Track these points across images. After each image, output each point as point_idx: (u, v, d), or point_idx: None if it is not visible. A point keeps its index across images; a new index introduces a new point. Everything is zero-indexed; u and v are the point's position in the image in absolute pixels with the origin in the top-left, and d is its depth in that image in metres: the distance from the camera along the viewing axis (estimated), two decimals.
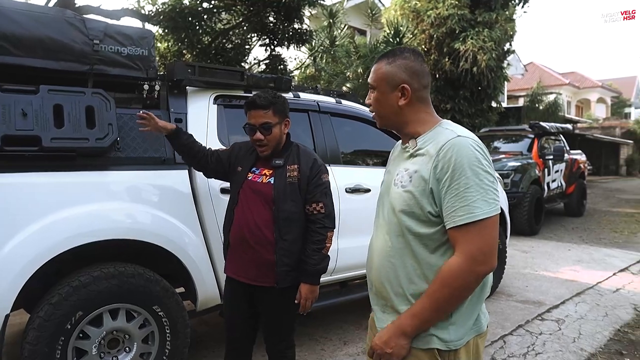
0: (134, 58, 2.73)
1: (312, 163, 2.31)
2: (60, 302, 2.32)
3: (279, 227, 2.23)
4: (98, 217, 2.45)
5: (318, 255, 2.24)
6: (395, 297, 1.45)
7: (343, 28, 11.39)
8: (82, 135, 2.43)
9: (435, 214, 1.35)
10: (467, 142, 1.34)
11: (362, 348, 3.41)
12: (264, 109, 2.25)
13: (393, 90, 1.46)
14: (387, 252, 1.46)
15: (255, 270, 2.27)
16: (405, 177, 1.41)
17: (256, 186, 2.29)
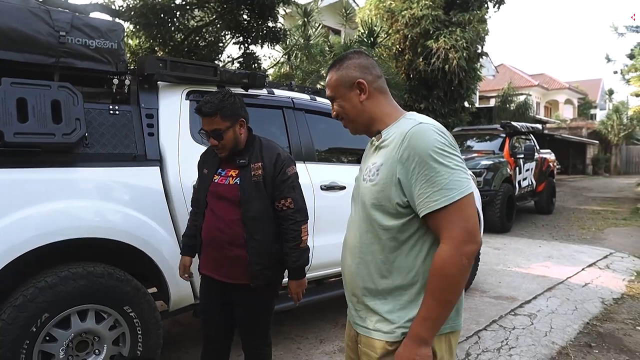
0: (103, 51, 2.64)
1: (276, 158, 2.26)
2: (25, 304, 2.22)
3: (248, 228, 2.21)
4: (64, 215, 2.36)
5: (297, 252, 2.24)
6: (368, 293, 1.45)
7: (317, 27, 11.39)
8: (48, 130, 2.34)
9: (403, 205, 1.34)
10: (429, 127, 1.34)
11: (339, 346, 3.40)
12: (211, 116, 2.19)
13: (351, 90, 1.49)
14: (358, 248, 1.47)
15: (229, 268, 2.25)
16: (373, 170, 1.42)
17: (222, 188, 2.26)
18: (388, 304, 1.41)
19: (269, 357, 2.46)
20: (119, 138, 2.64)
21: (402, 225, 1.36)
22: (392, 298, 1.40)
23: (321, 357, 3.24)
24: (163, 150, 2.75)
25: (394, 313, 1.39)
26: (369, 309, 1.46)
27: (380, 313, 1.42)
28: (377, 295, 1.43)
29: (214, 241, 2.26)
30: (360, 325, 1.49)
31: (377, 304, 1.43)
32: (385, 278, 1.41)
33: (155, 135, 2.76)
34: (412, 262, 1.38)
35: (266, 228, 2.24)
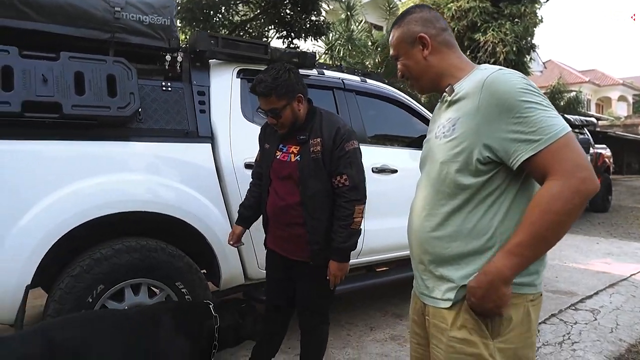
0: (156, 27, 2.64)
1: (335, 132, 2.13)
2: (81, 274, 2.24)
3: (307, 207, 2.14)
4: (118, 188, 2.37)
5: (345, 232, 2.11)
6: (438, 260, 1.33)
7: (360, 22, 11.30)
8: (104, 103, 2.35)
9: (483, 161, 1.22)
10: (509, 72, 1.23)
11: (390, 334, 3.28)
12: (266, 96, 2.11)
13: (413, 46, 1.40)
14: (428, 211, 1.35)
15: (292, 246, 2.23)
16: (447, 126, 1.31)
17: (283, 166, 2.21)
18: (461, 270, 1.28)
19: (326, 336, 2.40)
20: (171, 114, 2.63)
21: (481, 183, 1.24)
22: (466, 264, 1.28)
23: (372, 344, 3.13)
24: (214, 128, 2.73)
25: (467, 279, 1.26)
26: (438, 278, 1.34)
27: (451, 280, 1.29)
28: (448, 262, 1.31)
29: (276, 219, 2.25)
30: (427, 295, 1.38)
31: (448, 270, 1.30)
32: (458, 242, 1.28)
33: (206, 112, 2.74)
34: (488, 224, 1.25)
35: (325, 207, 2.16)
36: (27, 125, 2.20)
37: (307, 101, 2.25)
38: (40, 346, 1.57)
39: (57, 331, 1.65)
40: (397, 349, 3.07)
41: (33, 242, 2.15)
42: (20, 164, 2.18)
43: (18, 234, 2.13)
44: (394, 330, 3.38)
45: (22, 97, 2.15)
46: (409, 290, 1.59)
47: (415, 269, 1.47)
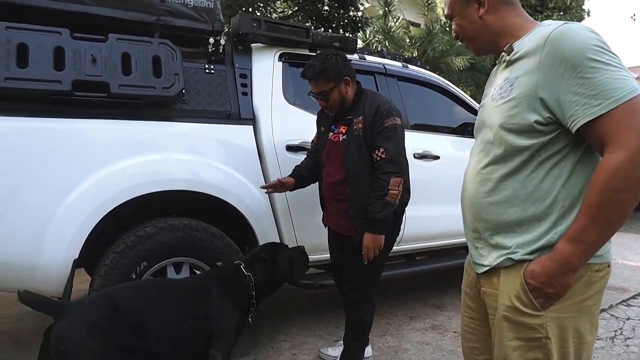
0: (200, 10, 2.67)
1: (375, 109, 2.20)
2: (125, 250, 2.28)
3: (349, 183, 2.23)
4: (163, 167, 2.40)
5: (380, 203, 2.14)
6: (493, 227, 1.25)
7: (398, 18, 11.17)
8: (149, 83, 2.38)
9: (544, 122, 1.13)
10: (576, 26, 1.12)
11: (431, 324, 3.20)
12: (314, 80, 2.25)
13: (468, 5, 1.31)
14: (483, 176, 1.27)
15: (342, 221, 2.34)
16: (505, 87, 1.21)
17: (334, 145, 2.33)
18: (517, 237, 1.20)
19: (368, 316, 2.40)
20: (214, 96, 2.64)
21: (541, 144, 1.15)
22: (523, 231, 1.19)
23: (412, 333, 3.05)
24: (256, 110, 2.72)
25: (524, 246, 1.18)
26: (493, 246, 1.26)
27: (506, 247, 1.21)
28: (504, 229, 1.22)
29: (329, 195, 2.39)
30: (481, 264, 1.30)
31: (504, 238, 1.22)
32: (515, 207, 1.19)
33: (248, 95, 2.74)
34: (549, 188, 1.16)
35: (367, 183, 2.20)
36: (77, 104, 2.26)
37: (355, 84, 2.33)
38: (105, 309, 1.66)
39: (119, 296, 1.75)
40: (438, 337, 2.98)
41: (80, 217, 2.19)
42: (69, 141, 2.23)
43: (66, 209, 2.17)
44: (435, 320, 3.29)
45: (73, 76, 2.21)
46: (448, 281, 1.54)
47: (468, 238, 1.39)
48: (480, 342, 1.40)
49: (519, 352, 1.18)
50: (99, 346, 1.59)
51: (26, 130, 2.15)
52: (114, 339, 1.63)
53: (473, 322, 1.42)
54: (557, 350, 1.15)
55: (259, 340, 2.91)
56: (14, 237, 2.10)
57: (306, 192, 2.77)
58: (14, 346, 2.86)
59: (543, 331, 1.15)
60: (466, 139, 3.52)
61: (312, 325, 3.17)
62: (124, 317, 1.68)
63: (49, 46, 2.20)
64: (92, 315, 1.64)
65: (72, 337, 1.57)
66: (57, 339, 1.55)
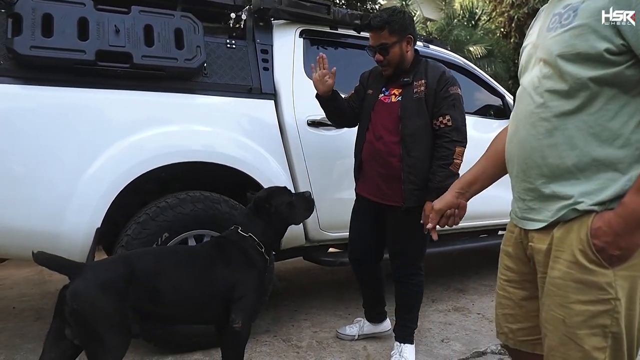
0: None
1: (440, 76, 2.19)
2: (147, 221, 2.28)
3: (405, 144, 2.17)
4: (185, 138, 2.39)
5: (444, 172, 2.10)
6: (550, 174, 1.11)
7: (416, 14, 11.12)
8: (172, 55, 2.38)
9: (616, 50, 0.99)
10: None
11: (453, 305, 3.14)
12: (379, 29, 2.19)
13: None
14: (538, 115, 1.12)
15: (385, 188, 2.24)
16: (567, 13, 1.08)
17: (385, 106, 2.26)
18: (581, 185, 1.06)
19: (421, 288, 2.36)
20: (236, 70, 2.63)
21: (611, 75, 1.00)
22: (587, 177, 1.06)
23: (435, 314, 2.99)
24: (277, 85, 2.71)
25: (590, 195, 1.05)
26: (548, 197, 1.12)
27: (567, 196, 1.08)
28: (564, 175, 1.08)
29: (372, 158, 2.27)
30: (534, 219, 1.16)
31: (563, 186, 1.09)
32: (578, 149, 1.05)
33: (270, 70, 2.73)
34: (620, 127, 1.02)
35: (422, 147, 2.17)
36: (100, 75, 2.26)
37: (414, 48, 2.30)
38: (122, 271, 1.65)
39: (136, 259, 1.74)
40: (461, 318, 2.93)
41: (103, 186, 2.20)
42: (92, 110, 2.24)
43: (89, 179, 2.18)
44: (458, 302, 3.23)
45: (96, 46, 2.21)
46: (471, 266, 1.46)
47: (516, 191, 1.25)
48: (517, 309, 1.29)
49: (583, 317, 1.05)
50: (115, 306, 1.58)
51: (50, 100, 2.17)
52: (129, 300, 1.62)
53: (511, 285, 1.31)
54: (625, 314, 1.03)
55: (280, 319, 2.89)
56: (39, 205, 2.11)
57: (328, 167, 2.76)
58: (37, 321, 2.89)
59: (612, 291, 1.02)
60: (488, 120, 3.47)
61: (332, 306, 3.14)
62: (141, 280, 1.67)
63: (74, 17, 2.22)
64: (109, 276, 1.62)
65: (88, 296, 1.55)
66: (73, 298, 1.53)
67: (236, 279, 1.86)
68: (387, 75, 2.30)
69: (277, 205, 2.06)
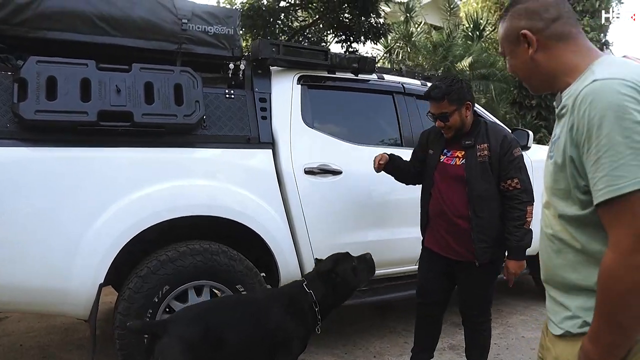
0: (220, 37, 2.73)
1: (502, 140, 2.30)
2: (148, 275, 2.35)
3: (473, 206, 2.29)
4: (185, 193, 2.47)
5: (521, 231, 2.25)
6: (558, 285, 1.18)
7: (420, 24, 11.13)
8: (171, 111, 2.45)
9: (582, 191, 1.02)
10: (608, 85, 0.95)
11: (449, 343, 3.19)
12: (439, 100, 2.32)
13: (518, 45, 1.19)
14: (547, 235, 1.20)
15: (454, 245, 2.36)
16: (553, 146, 1.13)
17: (449, 168, 2.38)
18: (579, 300, 1.12)
19: (490, 333, 2.52)
20: (234, 121, 2.70)
21: (589, 214, 1.03)
22: (586, 295, 1.09)
23: None
24: (275, 134, 2.78)
25: (585, 311, 1.10)
26: (557, 303, 1.19)
27: (568, 308, 1.14)
28: (567, 290, 1.15)
29: (440, 217, 2.39)
30: (548, 319, 1.24)
31: (567, 299, 1.15)
32: (576, 272, 1.11)
33: (268, 118, 2.79)
34: None
35: (491, 207, 2.30)
36: (102, 133, 2.34)
37: (473, 111, 2.42)
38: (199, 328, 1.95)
39: (209, 314, 2.04)
40: (455, 359, 2.97)
41: (106, 244, 2.28)
42: (95, 169, 2.32)
43: (92, 236, 2.26)
44: (453, 339, 3.28)
45: (98, 107, 2.29)
46: None
47: (545, 286, 1.30)
48: None
49: None
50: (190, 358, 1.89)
51: (54, 160, 2.25)
52: (201, 352, 1.91)
53: None
54: None
55: None
56: (47, 263, 2.20)
57: (325, 214, 2.82)
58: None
59: None
60: None
61: (330, 343, 3.20)
62: (212, 333, 1.94)
63: (76, 78, 2.29)
64: (189, 333, 1.91)
65: (172, 352, 1.88)
66: (160, 353, 1.87)
67: (285, 330, 2.10)
68: (448, 138, 2.42)
69: (342, 274, 2.25)
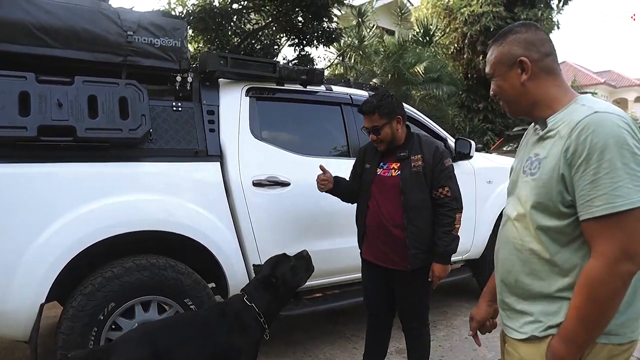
0: (167, 49, 2.70)
1: (434, 151, 2.43)
2: (93, 292, 2.31)
3: (409, 215, 2.38)
4: (131, 208, 2.44)
5: (448, 237, 2.37)
6: (519, 294, 1.31)
7: (372, 28, 11.33)
8: (116, 125, 2.41)
9: (567, 205, 1.18)
10: (609, 118, 1.13)
11: (396, 347, 3.30)
12: (370, 114, 2.43)
13: (511, 69, 1.32)
14: (514, 246, 1.32)
15: (391, 255, 2.44)
16: (535, 163, 1.26)
17: (386, 180, 2.47)
18: (541, 306, 1.26)
19: (428, 338, 2.61)
20: (182, 134, 2.69)
21: (566, 226, 1.19)
22: (548, 302, 1.25)
23: None
24: (224, 146, 2.79)
25: (547, 316, 1.24)
26: (517, 312, 1.32)
27: (530, 314, 1.28)
28: (529, 298, 1.28)
29: (377, 228, 2.47)
30: (506, 325, 1.38)
31: (528, 305, 1.28)
32: (542, 280, 1.25)
33: (216, 131, 2.80)
34: (573, 265, 1.21)
35: (425, 215, 2.40)
36: (43, 149, 2.28)
37: (405, 124, 2.53)
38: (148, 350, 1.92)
39: (158, 335, 2.02)
40: None
41: (47, 262, 2.22)
42: (37, 185, 2.26)
43: (33, 254, 2.20)
44: (400, 343, 3.37)
45: (38, 121, 2.22)
46: None
47: (498, 296, 1.44)
48: None
49: None
50: None
51: None
52: None
53: None
54: None
55: None
56: None
57: (273, 225, 2.85)
58: None
59: None
60: None
61: (280, 352, 3.25)
62: (160, 355, 1.93)
63: (14, 91, 2.22)
64: (136, 356, 1.89)
65: None
66: None
67: (233, 345, 2.11)
68: (382, 151, 2.51)
69: (282, 276, 2.29)
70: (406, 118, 2.55)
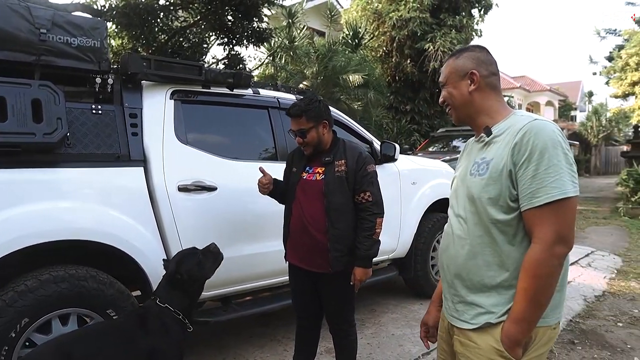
0: (85, 49, 2.58)
1: (358, 156, 2.48)
2: (3, 308, 2.16)
3: (330, 218, 2.42)
4: (47, 217, 2.31)
5: (369, 241, 2.42)
6: (471, 286, 1.46)
7: (302, 29, 11.39)
8: (28, 129, 2.28)
9: (513, 199, 1.36)
10: (547, 125, 1.35)
11: (326, 347, 3.37)
12: (297, 117, 2.46)
13: (462, 79, 1.53)
14: (466, 241, 1.48)
15: (314, 258, 2.47)
16: (482, 165, 1.44)
17: (311, 183, 2.51)
18: (492, 298, 1.42)
19: (355, 338, 2.65)
20: (102, 138, 2.59)
21: (512, 219, 1.37)
22: (497, 293, 1.42)
23: None
24: (147, 151, 2.71)
25: (497, 307, 1.41)
26: (468, 304, 1.47)
27: (482, 306, 1.43)
28: (481, 290, 1.44)
29: (300, 230, 2.50)
30: (456, 318, 1.52)
31: (480, 297, 1.44)
32: (491, 271, 1.42)
33: (139, 135, 2.72)
34: (521, 257, 1.37)
35: (347, 219, 2.45)
36: None
37: (331, 130, 2.59)
38: None
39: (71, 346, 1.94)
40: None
41: None
42: None
43: None
44: (329, 342, 3.45)
45: None
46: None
47: (445, 292, 1.60)
48: None
49: None
50: None
51: None
52: None
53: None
54: None
55: None
56: None
57: (199, 230, 2.82)
58: None
59: None
60: None
61: (209, 357, 3.22)
62: None
63: None
64: None
65: None
66: None
67: (157, 349, 2.07)
68: (307, 155, 2.55)
69: (187, 272, 2.26)
70: (333, 124, 2.61)
